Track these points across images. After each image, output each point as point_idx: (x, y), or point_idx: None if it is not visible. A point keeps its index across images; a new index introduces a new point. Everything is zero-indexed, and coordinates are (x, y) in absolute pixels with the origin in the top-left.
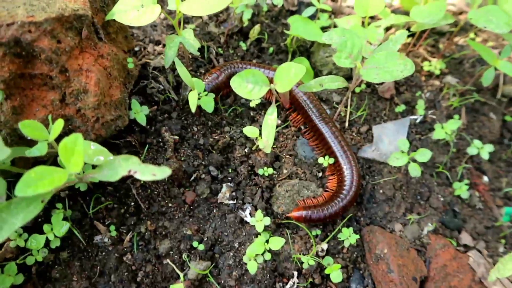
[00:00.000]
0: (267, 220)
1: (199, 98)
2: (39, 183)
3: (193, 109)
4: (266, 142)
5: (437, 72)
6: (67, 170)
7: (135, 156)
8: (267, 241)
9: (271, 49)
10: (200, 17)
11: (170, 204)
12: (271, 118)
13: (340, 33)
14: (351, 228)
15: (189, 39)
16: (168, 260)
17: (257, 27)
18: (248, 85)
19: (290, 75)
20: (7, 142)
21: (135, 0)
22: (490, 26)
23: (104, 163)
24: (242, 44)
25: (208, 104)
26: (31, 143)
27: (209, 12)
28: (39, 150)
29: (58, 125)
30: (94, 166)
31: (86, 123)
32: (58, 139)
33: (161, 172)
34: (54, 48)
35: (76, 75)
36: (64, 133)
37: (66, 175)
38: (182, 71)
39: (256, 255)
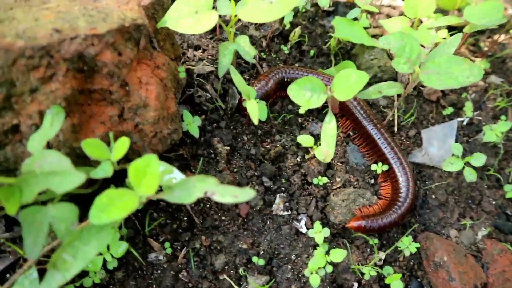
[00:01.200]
0: (327, 232)
1: None
2: (111, 209)
3: (255, 120)
4: (326, 152)
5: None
6: (137, 192)
7: (212, 176)
8: (327, 253)
9: (312, 52)
10: (239, 20)
11: (223, 218)
12: (330, 127)
13: (399, 38)
14: (410, 237)
15: (245, 46)
16: (225, 276)
17: (297, 30)
18: (306, 93)
19: (351, 82)
20: None
21: (189, 6)
22: None
23: (176, 184)
24: (283, 47)
25: (262, 111)
26: (90, 162)
27: (271, 19)
28: (104, 171)
29: (122, 144)
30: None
31: (143, 139)
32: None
33: (244, 194)
34: (116, 61)
35: (136, 89)
36: None
37: (136, 198)
38: (238, 80)
39: (318, 268)
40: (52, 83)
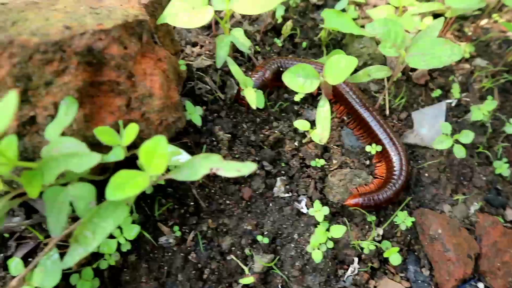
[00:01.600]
0: (326, 210)
1: None
2: (125, 187)
3: (253, 105)
4: (321, 134)
5: (467, 55)
6: (148, 172)
7: (215, 154)
8: (327, 230)
9: (304, 44)
10: (233, 16)
11: (228, 202)
12: (323, 110)
13: (383, 23)
14: (405, 212)
15: (240, 38)
16: (232, 256)
17: (289, 23)
18: (299, 79)
19: (341, 67)
20: None
21: (186, 3)
22: None
23: (183, 164)
24: (276, 40)
25: (260, 99)
26: (101, 150)
27: (263, 10)
28: (116, 155)
29: (132, 130)
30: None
31: (150, 127)
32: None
33: (246, 168)
34: (122, 54)
35: (141, 80)
36: None
37: (148, 177)
38: (235, 70)
39: (320, 244)
40: (65, 75)
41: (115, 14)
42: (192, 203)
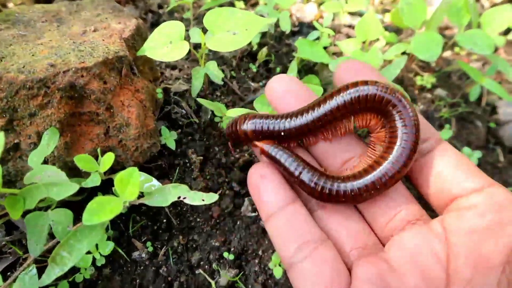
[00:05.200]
0: None
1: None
2: (101, 213)
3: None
4: None
5: (429, 85)
6: (122, 198)
7: (184, 184)
8: None
9: (278, 69)
10: None
11: (198, 219)
12: None
13: None
14: None
15: (213, 70)
16: (200, 270)
17: (264, 50)
18: None
19: None
20: None
21: (164, 37)
22: (476, 48)
23: (155, 191)
24: (252, 66)
25: None
26: (80, 173)
27: (234, 48)
28: (93, 182)
29: (108, 158)
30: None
31: (126, 152)
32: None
33: (209, 198)
34: (102, 88)
35: (119, 111)
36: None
37: (121, 203)
38: (208, 104)
39: (280, 261)
40: (48, 108)
41: (97, 51)
42: (164, 220)
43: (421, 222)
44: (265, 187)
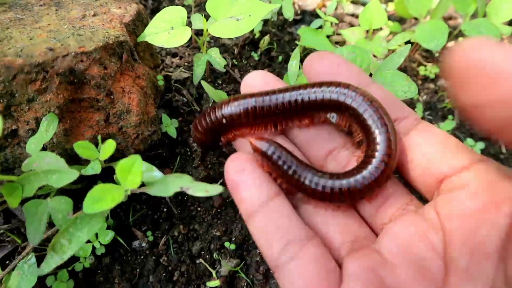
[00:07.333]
0: None
1: None
2: (102, 201)
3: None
4: None
5: (432, 76)
6: (123, 187)
7: (187, 174)
8: None
9: (280, 58)
10: None
11: (199, 209)
12: None
13: (351, 50)
14: None
15: (216, 57)
16: (201, 260)
17: (266, 38)
18: None
19: None
20: None
21: (166, 23)
22: None
23: (157, 180)
24: (254, 54)
25: None
26: (80, 160)
27: (237, 35)
28: (94, 169)
29: (109, 146)
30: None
31: (126, 140)
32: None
33: (214, 189)
34: (102, 74)
35: (119, 97)
36: None
37: (123, 192)
38: (208, 88)
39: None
40: (47, 94)
41: (97, 35)
42: (165, 210)
43: (412, 207)
44: (245, 182)
